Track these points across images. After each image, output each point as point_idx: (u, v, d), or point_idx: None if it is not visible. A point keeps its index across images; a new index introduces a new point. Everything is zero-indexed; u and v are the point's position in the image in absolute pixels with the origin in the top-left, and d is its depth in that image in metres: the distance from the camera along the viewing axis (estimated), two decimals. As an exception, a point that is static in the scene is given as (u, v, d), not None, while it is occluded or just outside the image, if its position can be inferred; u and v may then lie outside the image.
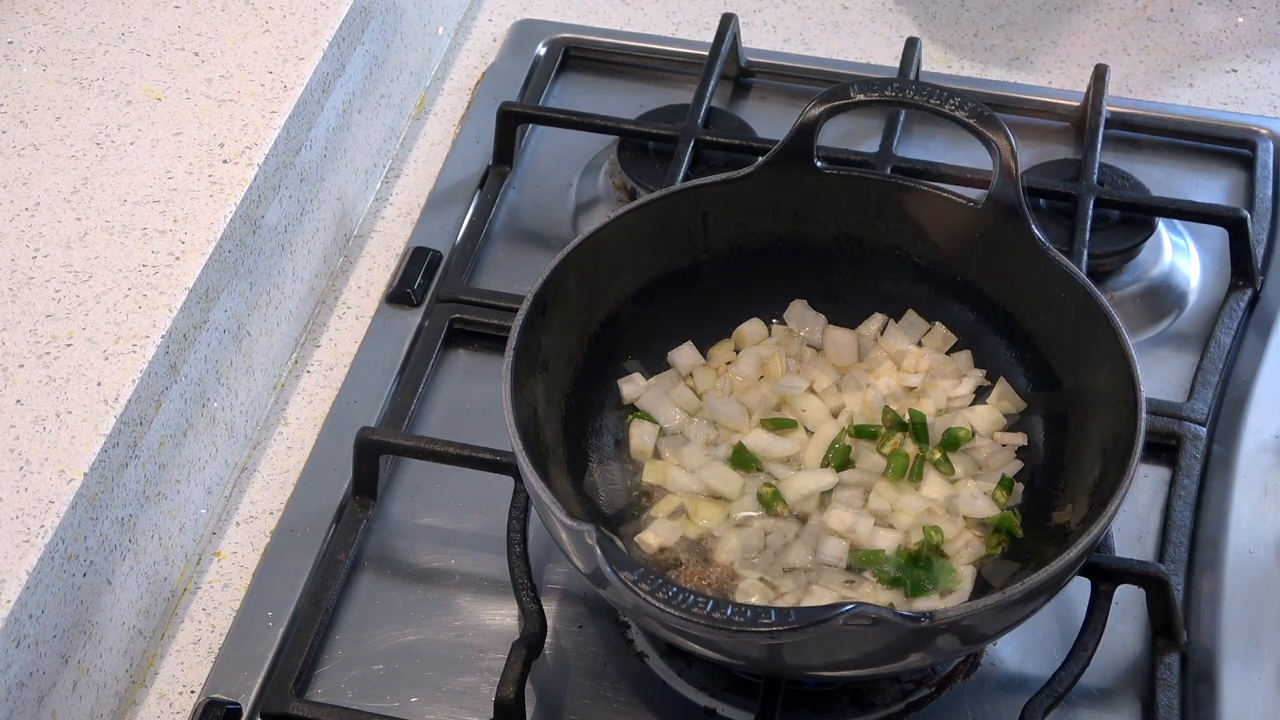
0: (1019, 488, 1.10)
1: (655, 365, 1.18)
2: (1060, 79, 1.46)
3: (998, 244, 1.12)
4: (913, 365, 1.16)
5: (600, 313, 1.15)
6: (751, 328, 1.18)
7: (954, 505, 1.09)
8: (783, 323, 1.19)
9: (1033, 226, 1.10)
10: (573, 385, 1.13)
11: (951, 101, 1.11)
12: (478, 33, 1.54)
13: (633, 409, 1.15)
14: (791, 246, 1.19)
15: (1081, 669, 1.04)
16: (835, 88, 1.14)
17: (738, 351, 1.18)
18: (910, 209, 1.16)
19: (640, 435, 1.13)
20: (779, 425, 1.13)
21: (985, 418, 1.13)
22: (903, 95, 1.13)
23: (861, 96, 1.13)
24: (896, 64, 1.42)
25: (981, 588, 1.05)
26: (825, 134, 1.16)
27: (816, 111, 1.13)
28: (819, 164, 1.16)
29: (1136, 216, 1.31)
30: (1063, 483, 1.08)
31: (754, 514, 1.09)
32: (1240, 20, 1.52)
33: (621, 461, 1.14)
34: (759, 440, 1.12)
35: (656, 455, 1.13)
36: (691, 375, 1.16)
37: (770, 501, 1.09)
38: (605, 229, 1.13)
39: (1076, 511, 1.04)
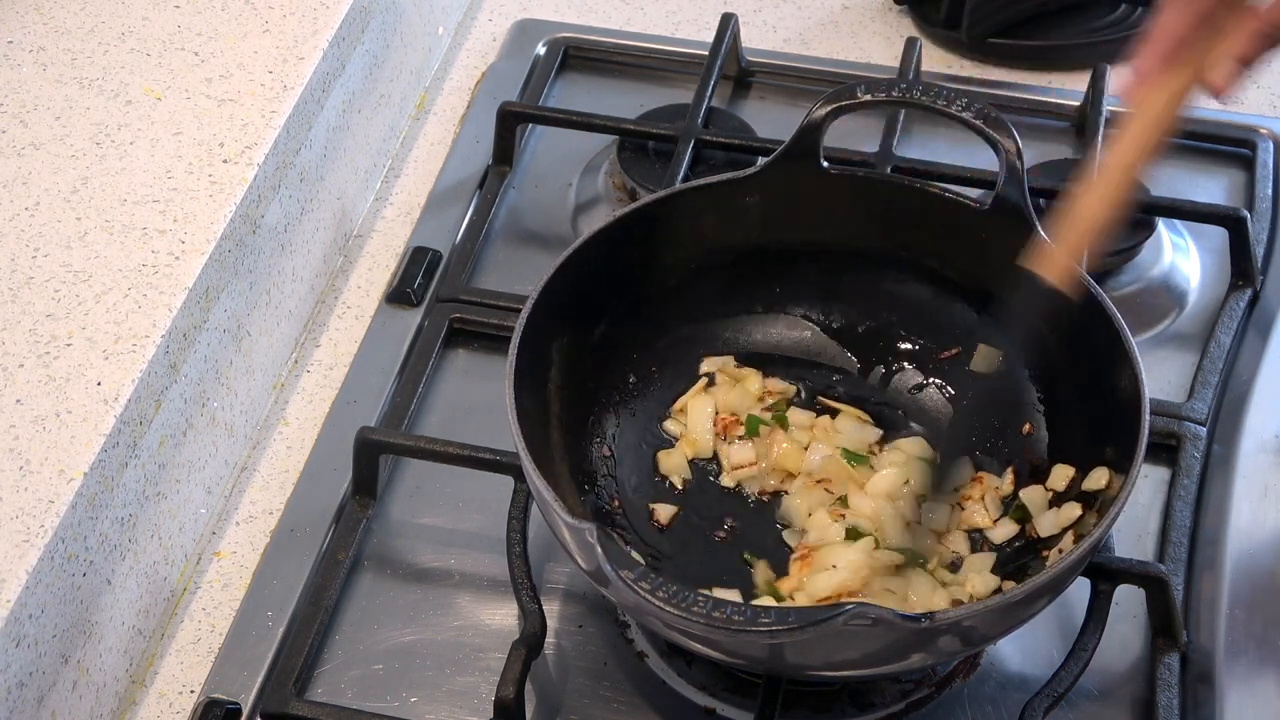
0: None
1: (655, 364, 1.18)
2: (1060, 78, 1.46)
3: (1002, 245, 1.12)
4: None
5: (603, 312, 1.15)
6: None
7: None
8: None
9: (1038, 228, 1.10)
10: (575, 383, 1.13)
11: (958, 103, 1.11)
12: (478, 33, 1.54)
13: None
14: (795, 246, 1.19)
15: (1081, 669, 1.04)
16: (841, 88, 1.14)
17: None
18: (915, 209, 1.16)
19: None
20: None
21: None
22: (909, 96, 1.13)
23: (868, 97, 1.13)
24: (896, 64, 1.42)
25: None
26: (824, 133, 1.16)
27: (823, 112, 1.13)
28: (824, 164, 1.16)
29: (1136, 216, 1.31)
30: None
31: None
32: (1240, 20, 1.52)
33: (623, 458, 1.14)
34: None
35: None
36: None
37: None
38: (609, 228, 1.13)
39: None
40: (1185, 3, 0.95)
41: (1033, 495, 1.10)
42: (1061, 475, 1.09)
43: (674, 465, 1.15)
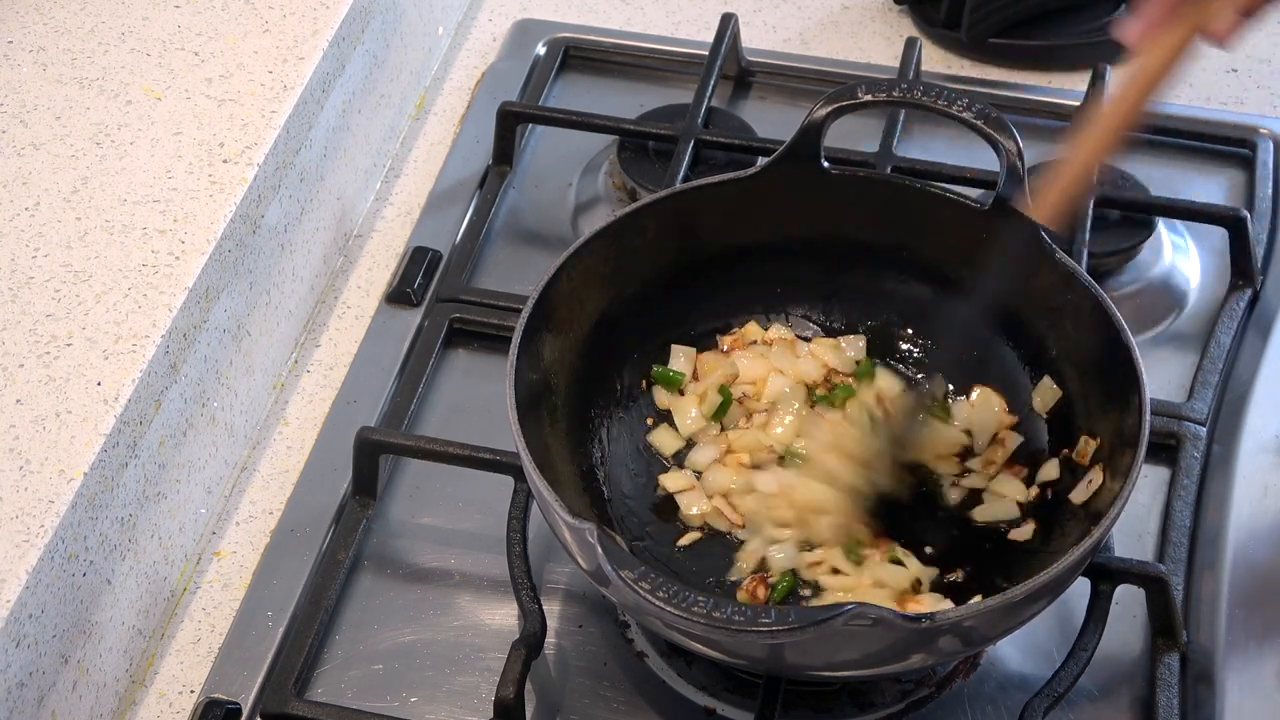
0: None
1: (655, 364, 1.18)
2: (1060, 78, 1.46)
3: (1002, 245, 1.12)
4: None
5: (603, 311, 1.15)
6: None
7: None
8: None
9: (1039, 229, 1.10)
10: (575, 382, 1.13)
11: (959, 103, 1.11)
12: (478, 33, 1.54)
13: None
14: (796, 246, 1.19)
15: (1081, 669, 1.04)
16: (842, 88, 1.14)
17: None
18: (916, 209, 1.16)
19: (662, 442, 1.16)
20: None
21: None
22: (910, 96, 1.13)
23: (869, 97, 1.13)
24: (896, 64, 1.42)
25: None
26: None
27: (823, 112, 1.13)
28: (825, 164, 1.16)
29: (1136, 216, 1.31)
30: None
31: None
32: (1240, 20, 1.52)
33: (623, 458, 1.14)
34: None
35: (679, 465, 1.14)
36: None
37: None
38: (610, 228, 1.13)
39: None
40: None
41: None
42: (1051, 468, 1.10)
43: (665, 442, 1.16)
